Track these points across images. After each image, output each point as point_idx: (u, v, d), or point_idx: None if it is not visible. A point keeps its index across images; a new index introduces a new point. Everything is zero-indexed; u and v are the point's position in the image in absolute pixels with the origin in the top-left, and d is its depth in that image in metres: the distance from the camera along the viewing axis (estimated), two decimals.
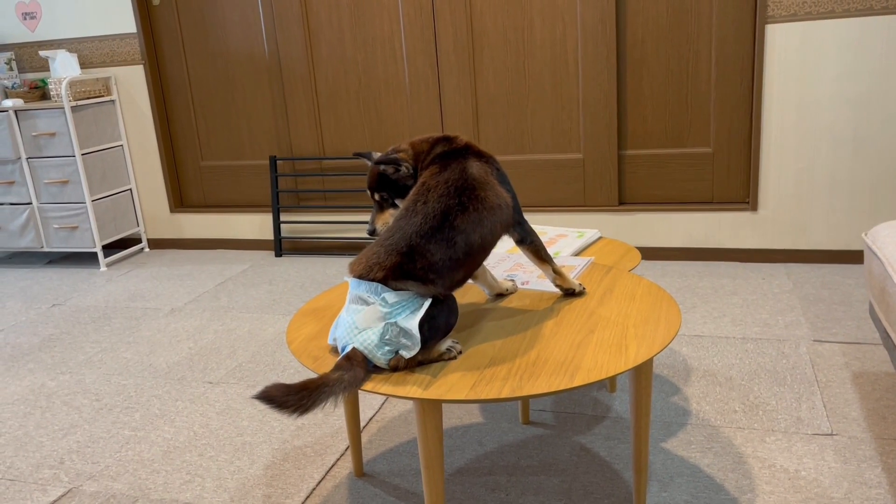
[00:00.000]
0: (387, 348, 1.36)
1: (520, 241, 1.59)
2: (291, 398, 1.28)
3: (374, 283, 1.38)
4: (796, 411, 2.03)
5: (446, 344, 1.42)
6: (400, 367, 1.38)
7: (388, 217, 1.56)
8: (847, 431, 1.92)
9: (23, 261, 4.18)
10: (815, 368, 2.27)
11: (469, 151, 1.52)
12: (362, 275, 1.41)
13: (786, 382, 2.19)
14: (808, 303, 2.77)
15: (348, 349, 1.38)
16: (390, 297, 1.37)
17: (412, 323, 1.35)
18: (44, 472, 2.01)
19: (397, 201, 1.55)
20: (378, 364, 1.38)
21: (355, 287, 1.41)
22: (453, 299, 1.43)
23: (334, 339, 1.46)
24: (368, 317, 1.37)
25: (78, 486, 1.93)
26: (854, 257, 3.15)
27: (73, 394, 2.47)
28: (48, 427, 2.26)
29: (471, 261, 1.44)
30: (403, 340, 1.36)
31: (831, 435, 1.91)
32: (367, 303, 1.39)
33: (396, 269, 1.38)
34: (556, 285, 1.67)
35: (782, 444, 1.89)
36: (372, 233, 1.57)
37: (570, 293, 1.67)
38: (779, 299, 2.83)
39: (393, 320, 1.36)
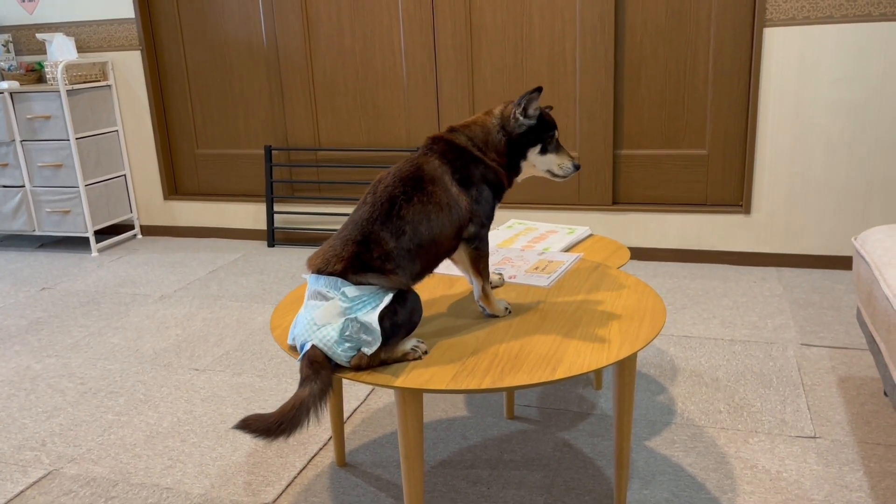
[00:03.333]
0: (347, 345, 1.33)
1: (467, 240, 1.50)
2: (272, 428, 1.27)
3: (334, 278, 1.36)
4: (781, 413, 2.03)
5: (410, 343, 1.40)
6: (363, 365, 1.35)
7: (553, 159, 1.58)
8: (830, 435, 1.92)
9: (14, 244, 4.17)
10: (802, 372, 2.27)
11: (437, 149, 1.49)
12: (321, 269, 1.38)
13: (772, 385, 2.19)
14: (797, 307, 2.77)
15: (307, 347, 1.35)
16: (350, 291, 1.35)
17: (372, 317, 1.32)
18: (25, 453, 2.00)
19: (531, 149, 1.57)
20: (339, 362, 1.35)
21: (314, 282, 1.39)
22: (416, 297, 1.41)
23: (293, 339, 1.42)
24: (328, 312, 1.35)
25: (59, 468, 1.92)
26: (845, 263, 3.15)
27: (58, 377, 2.46)
28: (32, 409, 2.25)
29: (424, 253, 1.42)
30: (364, 336, 1.33)
31: (814, 438, 1.91)
32: (326, 298, 1.36)
33: (355, 259, 1.36)
34: (480, 305, 1.57)
35: (765, 445, 1.89)
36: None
37: (492, 316, 1.57)
38: (769, 302, 2.83)
39: (353, 315, 1.33)
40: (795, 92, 3.04)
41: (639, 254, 3.41)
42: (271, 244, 3.89)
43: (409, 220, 1.40)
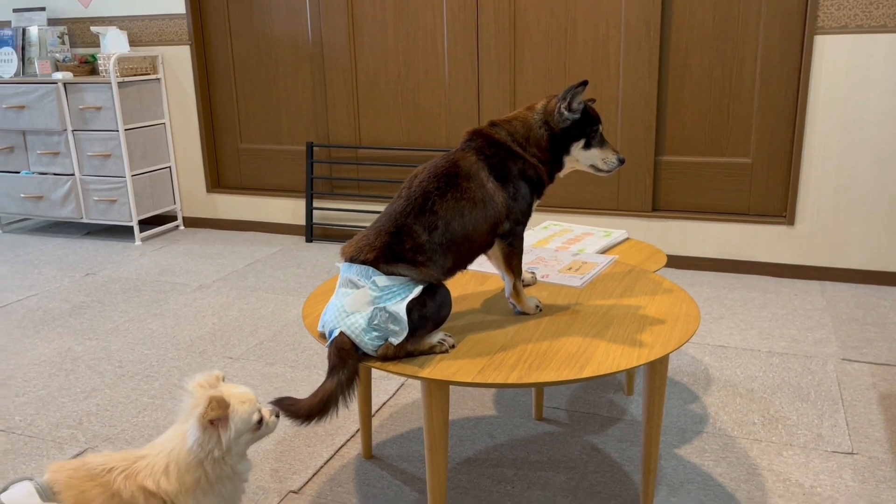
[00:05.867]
0: (374, 333, 1.34)
1: (502, 236, 1.50)
2: (301, 418, 1.31)
3: (365, 267, 1.37)
4: (817, 428, 1.98)
5: (438, 336, 1.40)
6: (389, 355, 1.35)
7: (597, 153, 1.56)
8: (868, 451, 1.87)
9: (62, 230, 4.29)
10: (841, 387, 2.21)
11: (474, 145, 1.48)
12: (353, 257, 1.39)
13: (809, 398, 2.14)
14: (839, 321, 2.70)
15: (335, 333, 1.37)
16: (381, 280, 1.36)
17: (401, 307, 1.33)
18: (62, 431, 2.05)
19: (574, 144, 1.54)
20: (366, 350, 1.36)
21: (346, 270, 1.40)
22: (446, 292, 1.41)
23: (323, 325, 1.44)
24: (357, 300, 1.36)
25: (94, 446, 1.96)
26: (892, 279, 3.06)
27: (97, 359, 2.52)
28: (70, 389, 2.31)
29: (456, 248, 1.42)
30: (392, 326, 1.34)
31: (851, 454, 1.86)
32: (357, 286, 1.37)
33: (387, 249, 1.37)
34: (511, 302, 1.57)
35: (799, 458, 1.84)
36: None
37: (522, 313, 1.56)
38: (810, 316, 2.76)
39: (382, 305, 1.34)
40: (845, 102, 2.97)
41: (677, 262, 3.36)
42: (309, 239, 3.93)
43: (442, 216, 1.40)
